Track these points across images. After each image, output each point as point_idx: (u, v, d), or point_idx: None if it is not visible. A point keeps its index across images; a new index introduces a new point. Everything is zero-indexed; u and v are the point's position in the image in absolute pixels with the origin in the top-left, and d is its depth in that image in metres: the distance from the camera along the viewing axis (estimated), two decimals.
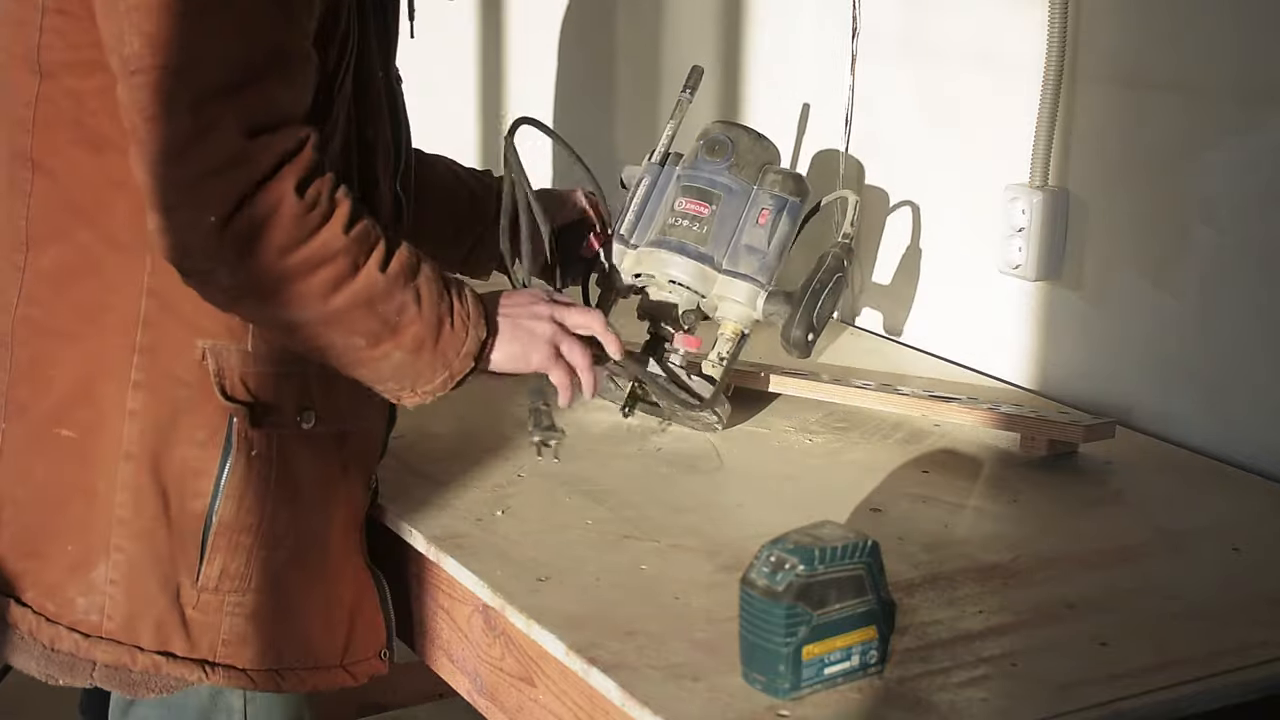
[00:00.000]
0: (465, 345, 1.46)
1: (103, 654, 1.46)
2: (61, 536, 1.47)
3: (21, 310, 1.46)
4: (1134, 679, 1.30)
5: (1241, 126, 1.80)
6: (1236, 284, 1.83)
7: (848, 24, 2.26)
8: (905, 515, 1.61)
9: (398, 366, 1.44)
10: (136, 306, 1.43)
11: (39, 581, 1.47)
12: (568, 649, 1.33)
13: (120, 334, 1.43)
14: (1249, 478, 1.78)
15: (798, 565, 1.23)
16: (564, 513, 1.60)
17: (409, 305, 1.42)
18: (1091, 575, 1.50)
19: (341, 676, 1.54)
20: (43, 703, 1.84)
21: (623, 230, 1.82)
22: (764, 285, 1.76)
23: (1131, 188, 1.94)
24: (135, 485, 1.45)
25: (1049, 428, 1.76)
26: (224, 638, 1.48)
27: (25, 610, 1.47)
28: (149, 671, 1.47)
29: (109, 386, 1.44)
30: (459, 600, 1.53)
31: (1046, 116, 1.98)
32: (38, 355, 1.46)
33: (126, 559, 1.45)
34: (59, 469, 1.46)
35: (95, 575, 1.46)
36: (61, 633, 1.46)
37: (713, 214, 1.78)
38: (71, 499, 1.46)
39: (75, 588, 1.46)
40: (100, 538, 1.45)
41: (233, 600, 1.48)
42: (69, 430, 1.45)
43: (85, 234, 1.43)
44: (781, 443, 1.83)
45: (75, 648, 1.47)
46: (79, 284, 1.44)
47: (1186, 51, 1.86)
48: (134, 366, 1.43)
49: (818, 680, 1.25)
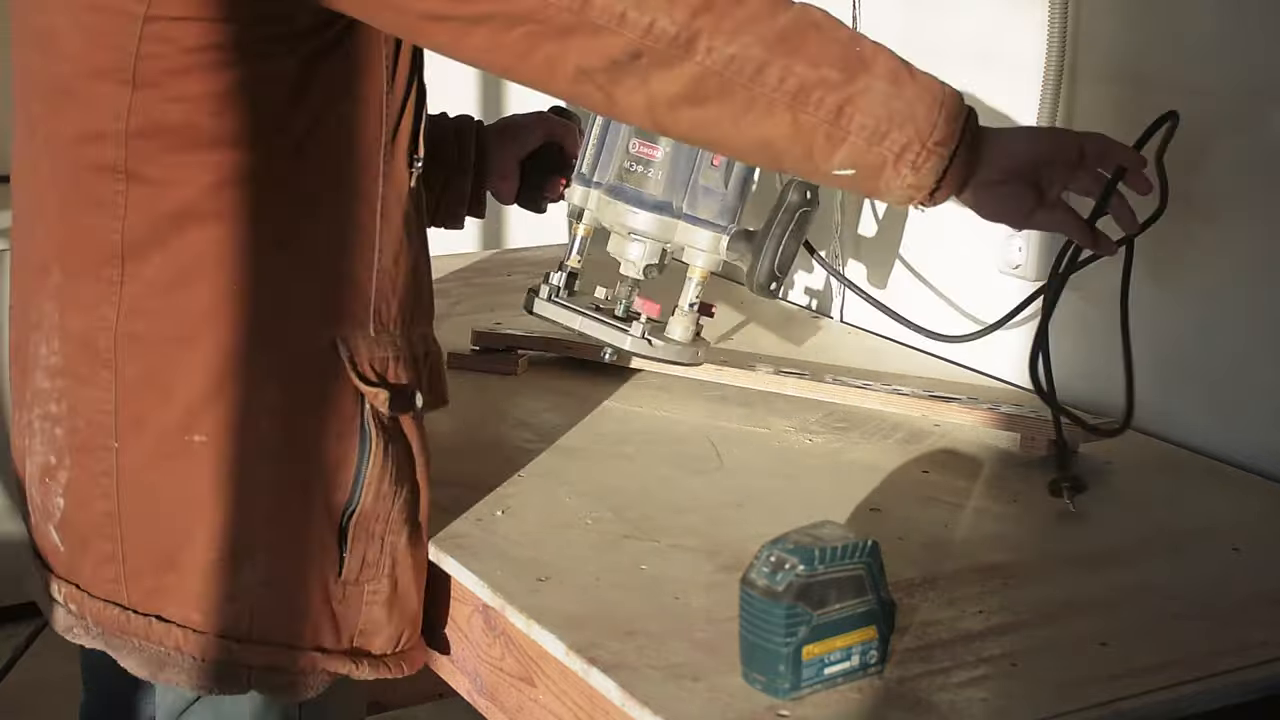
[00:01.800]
0: (946, 86, 1.35)
1: (259, 658, 1.44)
2: (200, 544, 1.42)
3: (124, 326, 1.40)
4: (1134, 679, 1.30)
5: (1241, 126, 1.80)
6: (1236, 284, 1.83)
7: (847, 24, 2.26)
8: (905, 515, 1.61)
9: (888, 100, 1.32)
10: (261, 302, 1.39)
11: (181, 594, 1.43)
12: (568, 649, 1.33)
13: (247, 332, 1.39)
14: (1249, 478, 1.78)
15: (798, 565, 1.23)
16: (564, 513, 1.60)
17: (861, 38, 1.34)
18: (1091, 575, 1.50)
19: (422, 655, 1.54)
20: (43, 703, 1.84)
21: (583, 168, 1.81)
22: (725, 228, 1.74)
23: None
24: (278, 482, 1.42)
25: (1049, 428, 1.76)
26: (361, 627, 1.47)
27: (169, 626, 1.44)
28: (307, 670, 1.45)
29: (241, 385, 1.40)
30: (459, 600, 1.53)
31: (1046, 116, 1.97)
32: (151, 367, 1.41)
33: (275, 558, 1.43)
34: (193, 476, 1.42)
35: (243, 578, 1.42)
36: (212, 641, 1.43)
37: (665, 156, 1.76)
38: (210, 505, 1.42)
39: (222, 593, 1.42)
40: (245, 539, 1.42)
41: (371, 589, 1.47)
42: (201, 435, 1.40)
43: (198, 235, 1.38)
44: (781, 443, 1.83)
45: (228, 654, 1.43)
46: (193, 287, 1.39)
47: (1186, 51, 1.86)
48: (267, 362, 1.40)
49: (818, 680, 1.25)
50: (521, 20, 1.31)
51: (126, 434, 1.42)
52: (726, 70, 1.32)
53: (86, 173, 1.40)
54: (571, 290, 1.84)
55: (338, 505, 1.44)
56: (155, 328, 1.41)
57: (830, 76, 1.32)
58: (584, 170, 1.82)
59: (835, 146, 1.34)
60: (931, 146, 1.35)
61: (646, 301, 1.78)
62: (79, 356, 1.43)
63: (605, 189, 1.79)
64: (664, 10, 1.30)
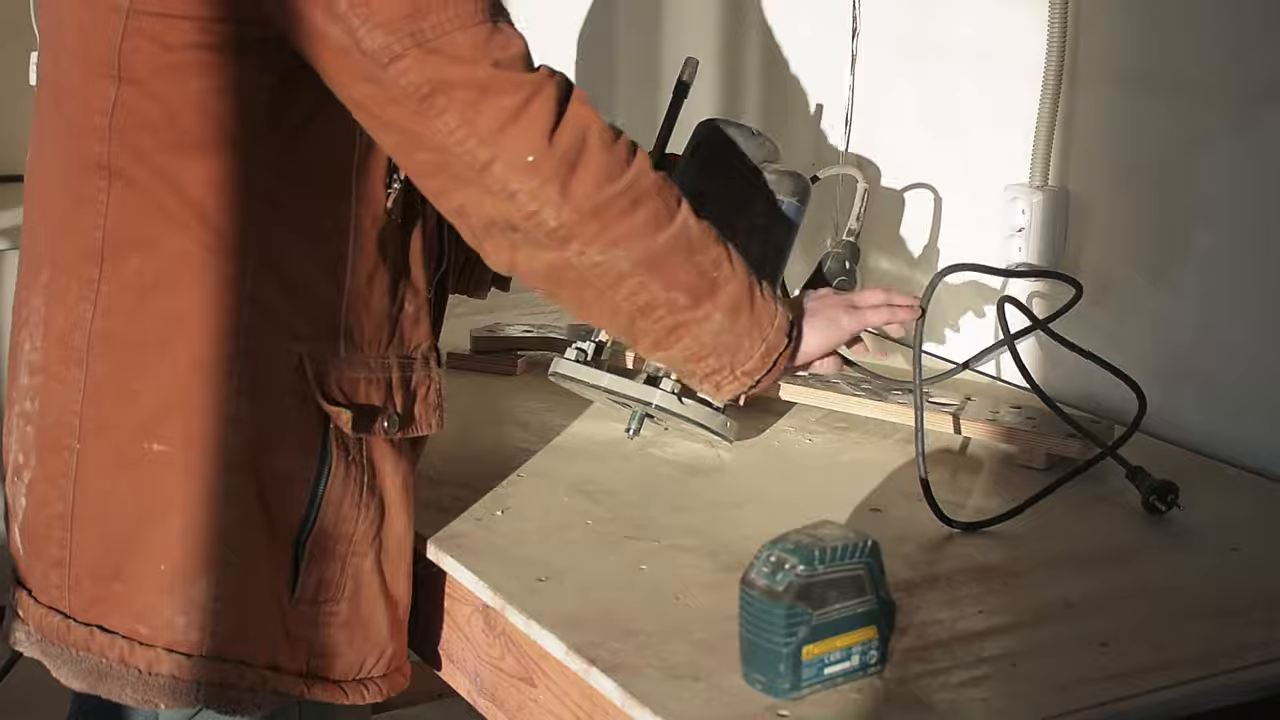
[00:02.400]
0: (777, 318, 1.46)
1: (208, 673, 1.41)
2: (153, 555, 1.40)
3: (99, 324, 1.39)
4: (1134, 679, 1.30)
5: (1241, 126, 1.80)
6: (1236, 284, 1.83)
7: (848, 24, 2.26)
8: (905, 515, 1.61)
9: (718, 333, 1.42)
10: (235, 312, 1.38)
11: (127, 605, 1.41)
12: (568, 649, 1.33)
13: (218, 341, 1.38)
14: (1249, 478, 1.78)
15: (798, 565, 1.23)
16: (564, 513, 1.60)
17: (723, 261, 1.41)
18: (1091, 575, 1.50)
19: (399, 683, 1.51)
20: (43, 703, 1.84)
21: None
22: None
23: (1131, 188, 1.94)
24: (240, 496, 1.40)
25: (1045, 442, 1.76)
26: (317, 649, 1.45)
27: (114, 637, 1.41)
28: (257, 688, 1.42)
29: (209, 395, 1.38)
30: (459, 600, 1.53)
31: (1046, 116, 1.98)
32: (120, 369, 1.40)
33: (232, 573, 1.40)
34: (150, 485, 1.40)
35: (197, 591, 1.40)
36: (160, 655, 1.41)
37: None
38: (166, 515, 1.40)
39: (173, 607, 1.40)
40: (202, 552, 1.40)
41: (328, 610, 1.44)
42: (161, 444, 1.39)
43: (177, 240, 1.37)
44: (781, 443, 1.83)
45: (177, 669, 1.41)
46: (168, 291, 1.38)
47: (1186, 51, 1.86)
48: (236, 373, 1.38)
49: (818, 680, 1.25)
50: (430, 149, 1.33)
51: (89, 436, 1.41)
52: (589, 272, 1.38)
53: (76, 169, 1.40)
54: (599, 361, 1.78)
55: (294, 522, 1.42)
56: (128, 329, 1.40)
57: (678, 300, 1.41)
58: None
59: (656, 350, 1.46)
60: (739, 375, 1.47)
61: None
62: (56, 353, 1.43)
63: None
64: (553, 206, 1.34)
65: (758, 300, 1.44)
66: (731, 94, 2.53)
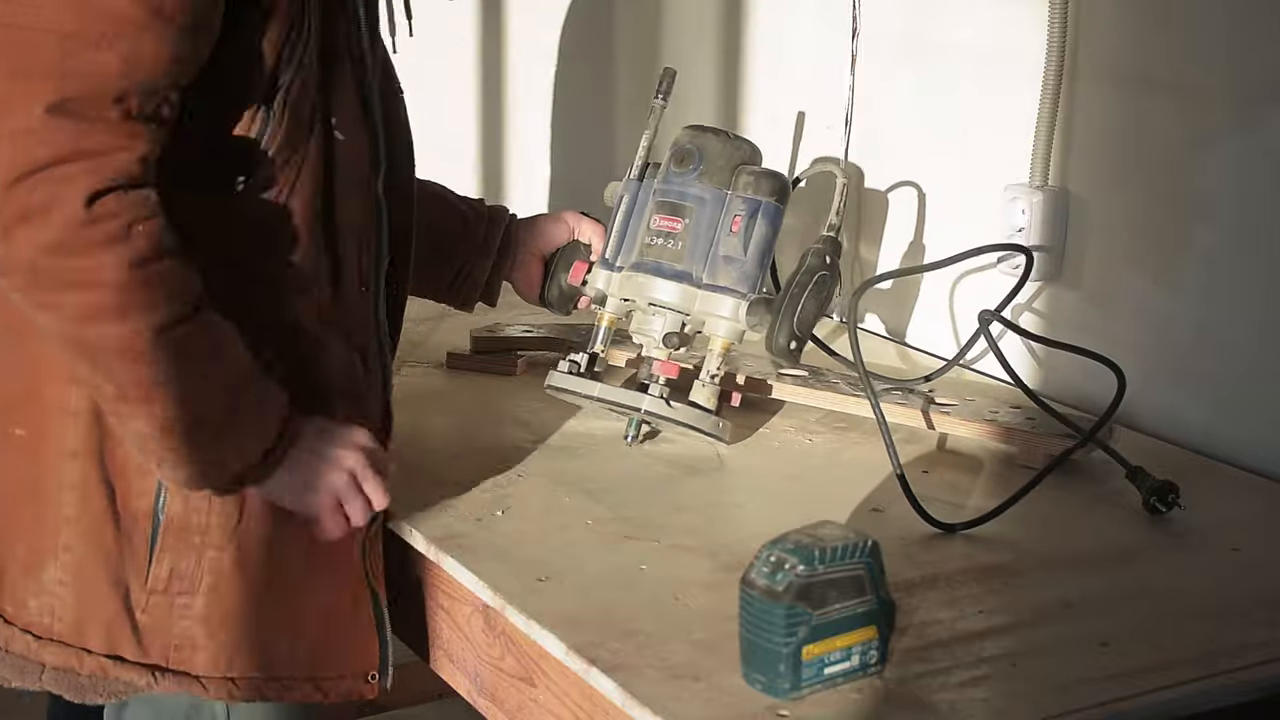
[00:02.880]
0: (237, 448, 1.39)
1: (51, 656, 1.45)
2: (15, 537, 1.46)
3: None
4: (1134, 679, 1.30)
5: (1241, 126, 1.80)
6: (1236, 284, 1.83)
7: (848, 24, 2.26)
8: (905, 515, 1.60)
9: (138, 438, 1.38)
10: None
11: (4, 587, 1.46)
12: (568, 649, 1.33)
13: None
14: (1249, 478, 1.78)
15: (798, 565, 1.23)
16: (564, 513, 1.60)
17: (172, 382, 1.34)
18: (1091, 575, 1.50)
19: (306, 691, 1.50)
20: (42, 702, 1.84)
21: (606, 254, 1.81)
22: (745, 295, 1.73)
23: (1131, 188, 1.94)
24: (81, 483, 1.43)
25: (1044, 442, 1.75)
26: (176, 642, 1.45)
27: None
28: (96, 675, 1.45)
29: (53, 384, 1.42)
30: (459, 600, 1.53)
31: (1046, 116, 1.98)
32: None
33: (75, 559, 1.44)
34: (12, 469, 1.46)
35: (45, 576, 1.44)
36: (15, 634, 1.46)
37: (686, 228, 1.75)
38: (24, 499, 1.45)
39: (27, 589, 1.45)
40: (49, 538, 1.44)
41: (183, 602, 1.44)
42: (21, 429, 1.44)
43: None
44: (781, 443, 1.83)
45: (26, 649, 1.45)
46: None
47: (1186, 51, 1.86)
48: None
49: (818, 680, 1.25)
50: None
51: None
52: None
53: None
54: (593, 372, 1.80)
55: (142, 511, 1.43)
56: (3, 316, 1.42)
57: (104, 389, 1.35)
58: (607, 256, 1.81)
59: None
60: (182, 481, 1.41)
61: (664, 363, 1.75)
62: None
63: (628, 269, 1.78)
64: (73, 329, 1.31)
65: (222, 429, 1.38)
66: (731, 94, 2.53)
